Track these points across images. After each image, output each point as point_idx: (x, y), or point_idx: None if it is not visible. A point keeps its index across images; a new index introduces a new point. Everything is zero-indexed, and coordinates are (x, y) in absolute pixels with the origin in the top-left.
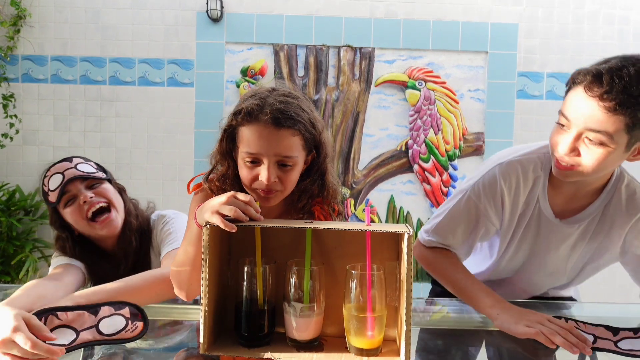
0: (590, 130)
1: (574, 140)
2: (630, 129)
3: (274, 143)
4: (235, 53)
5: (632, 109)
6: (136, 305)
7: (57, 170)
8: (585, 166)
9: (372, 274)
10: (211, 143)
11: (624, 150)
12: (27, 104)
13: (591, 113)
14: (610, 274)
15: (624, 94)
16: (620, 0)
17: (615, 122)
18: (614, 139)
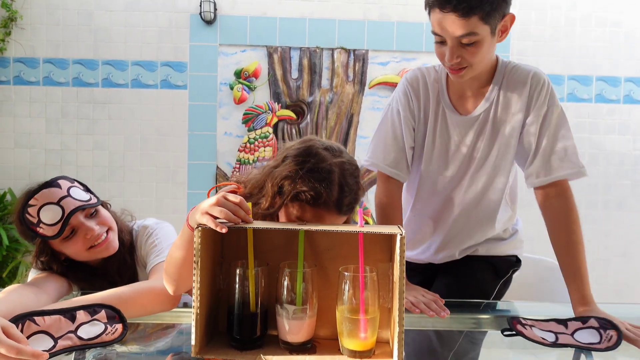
0: (459, 36)
1: (452, 49)
2: (486, 19)
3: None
4: (229, 55)
5: (479, 6)
6: (112, 307)
7: (50, 200)
8: (471, 61)
9: (364, 275)
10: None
11: (492, 36)
12: (19, 107)
13: (453, 24)
14: (603, 274)
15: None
16: (612, 3)
17: (473, 22)
18: (480, 34)
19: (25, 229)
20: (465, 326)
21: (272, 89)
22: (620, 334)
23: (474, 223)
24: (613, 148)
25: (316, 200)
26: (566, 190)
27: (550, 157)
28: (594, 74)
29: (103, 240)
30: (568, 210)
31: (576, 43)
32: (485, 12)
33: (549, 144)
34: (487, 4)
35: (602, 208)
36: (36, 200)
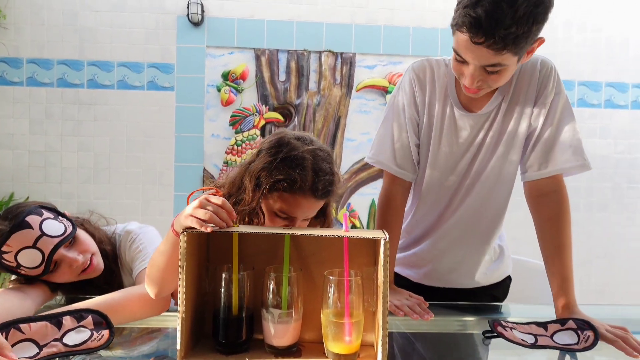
0: (486, 65)
1: (474, 74)
2: (516, 52)
3: (310, 211)
4: (216, 57)
5: (514, 43)
6: (99, 312)
7: (25, 245)
8: (491, 86)
9: (349, 279)
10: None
11: (517, 64)
12: (2, 107)
13: (482, 55)
14: (586, 275)
15: (505, 34)
16: (592, 10)
17: (505, 56)
18: (507, 64)
19: (6, 270)
20: (450, 328)
21: (260, 91)
22: (597, 334)
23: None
24: (595, 151)
25: (292, 187)
26: (563, 188)
27: (553, 147)
28: (575, 79)
29: (89, 266)
30: (563, 211)
31: (558, 49)
32: (520, 47)
33: (553, 132)
34: (523, 39)
35: (584, 210)
36: (9, 247)
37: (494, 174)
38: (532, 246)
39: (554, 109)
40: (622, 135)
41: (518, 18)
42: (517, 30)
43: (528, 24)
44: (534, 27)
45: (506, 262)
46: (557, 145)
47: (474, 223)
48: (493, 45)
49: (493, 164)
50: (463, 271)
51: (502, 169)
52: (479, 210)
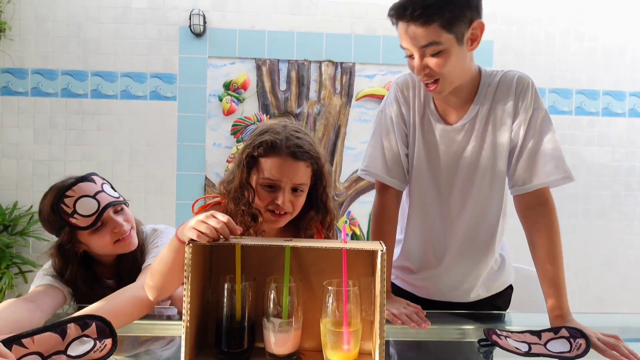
0: (423, 46)
1: (419, 60)
2: (448, 28)
3: (292, 173)
4: (218, 67)
5: (437, 13)
6: (103, 319)
7: (86, 193)
8: (440, 72)
9: (347, 290)
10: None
11: (459, 45)
12: (7, 117)
13: (414, 34)
14: (585, 283)
15: (424, 6)
16: (589, 19)
17: (434, 30)
18: (443, 43)
19: (57, 219)
20: (447, 337)
21: (261, 101)
22: (589, 342)
23: (473, 247)
24: (593, 159)
25: (268, 151)
26: (549, 200)
27: (535, 161)
28: (573, 87)
29: (127, 236)
30: (551, 222)
31: (556, 57)
32: (445, 19)
33: (534, 147)
34: (446, 11)
35: (582, 218)
36: (73, 192)
37: (482, 187)
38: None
39: (534, 123)
40: (619, 143)
41: None
42: (437, 2)
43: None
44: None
45: (507, 272)
46: (539, 160)
47: (470, 238)
48: (416, 16)
49: (480, 177)
50: (464, 288)
51: (491, 180)
52: (474, 224)
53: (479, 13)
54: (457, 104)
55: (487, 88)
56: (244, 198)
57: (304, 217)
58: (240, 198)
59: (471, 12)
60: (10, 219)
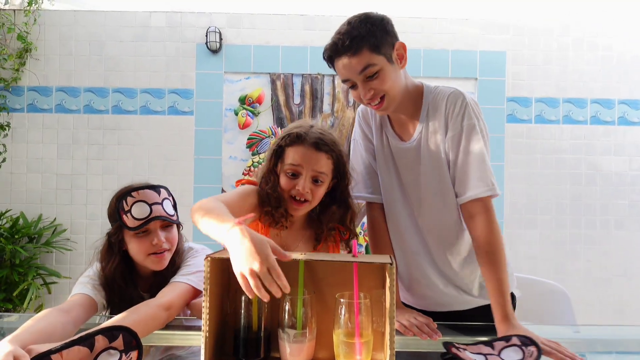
0: (360, 73)
1: (362, 85)
2: (376, 51)
3: (313, 161)
4: (234, 82)
5: (363, 41)
6: (130, 330)
7: (145, 199)
8: (383, 89)
9: (359, 302)
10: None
11: (390, 64)
12: (32, 133)
13: (349, 65)
14: (604, 294)
15: (350, 38)
16: (603, 28)
17: (365, 55)
18: (377, 64)
19: (114, 212)
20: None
21: (275, 114)
22: (539, 349)
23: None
24: (610, 169)
25: (293, 140)
26: (488, 209)
27: (463, 175)
28: (588, 97)
29: (161, 255)
30: (489, 230)
31: (569, 67)
32: (371, 44)
33: (461, 162)
34: (370, 37)
35: (600, 228)
36: (137, 195)
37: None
38: (550, 262)
39: (459, 141)
40: (636, 152)
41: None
42: (359, 33)
43: (365, 26)
44: (374, 28)
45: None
46: (465, 175)
47: (442, 250)
48: (347, 48)
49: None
50: (458, 301)
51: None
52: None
53: (396, 37)
54: (407, 120)
55: (429, 104)
56: (270, 182)
57: (326, 211)
58: (267, 182)
59: (390, 37)
60: (36, 231)
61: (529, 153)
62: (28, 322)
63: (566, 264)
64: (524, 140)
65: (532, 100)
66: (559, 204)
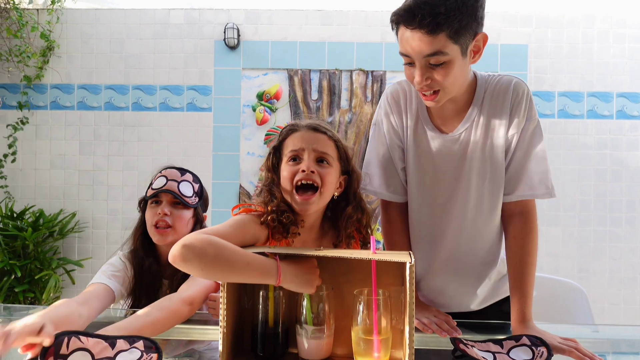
0: (427, 56)
1: (421, 70)
2: (454, 39)
3: (313, 140)
4: (251, 78)
5: (446, 23)
6: (150, 339)
7: (166, 175)
8: (443, 84)
9: (377, 299)
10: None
11: (463, 57)
12: (55, 130)
13: (419, 42)
14: (630, 293)
15: (433, 14)
16: (630, 19)
17: (441, 40)
18: (449, 54)
19: (148, 188)
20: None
21: (293, 110)
22: (550, 350)
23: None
24: (636, 164)
25: (292, 129)
26: (530, 210)
27: (521, 174)
28: (614, 90)
29: (163, 229)
30: (529, 231)
31: (594, 60)
32: (454, 29)
33: (521, 160)
34: (455, 20)
35: (626, 225)
36: (164, 171)
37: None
38: (573, 260)
39: (524, 136)
40: None
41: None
42: (446, 11)
43: (457, 4)
44: (465, 9)
45: None
46: (525, 172)
47: (468, 255)
48: (425, 24)
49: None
50: (464, 303)
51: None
52: (472, 240)
53: (482, 25)
54: (453, 111)
55: (484, 94)
56: (267, 180)
57: (341, 216)
58: (264, 183)
59: (476, 23)
60: (56, 223)
61: (552, 149)
62: (50, 308)
63: (590, 263)
64: (547, 135)
65: (555, 95)
66: (583, 200)
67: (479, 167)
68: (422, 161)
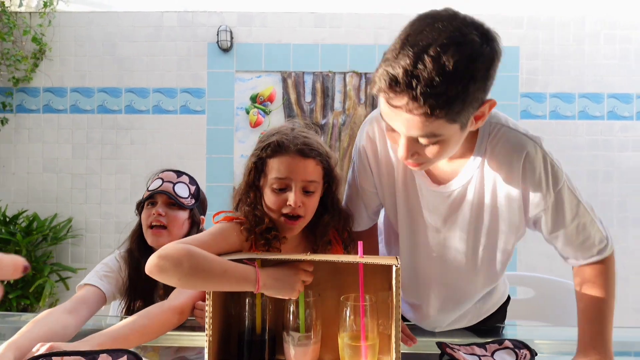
0: (418, 136)
1: (407, 145)
2: (454, 120)
3: (302, 170)
4: (245, 81)
5: (445, 106)
6: (135, 353)
7: (162, 177)
8: (431, 159)
9: (364, 304)
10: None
11: (460, 133)
12: (48, 134)
13: (408, 123)
14: (623, 294)
15: (429, 95)
16: (621, 20)
17: (436, 123)
18: (444, 135)
19: (146, 191)
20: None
21: (287, 113)
22: (533, 352)
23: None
24: (628, 164)
25: (276, 151)
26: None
27: (576, 245)
28: (605, 92)
29: (158, 230)
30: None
31: (586, 61)
32: (454, 111)
33: (569, 233)
34: (459, 100)
35: (618, 225)
36: (162, 174)
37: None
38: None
39: (559, 208)
40: None
41: (446, 74)
42: (447, 91)
43: (462, 82)
44: (471, 86)
45: (500, 292)
46: (579, 243)
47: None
48: (416, 109)
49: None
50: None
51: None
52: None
53: (490, 86)
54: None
55: (486, 149)
56: (248, 199)
57: (319, 223)
58: (245, 200)
59: (483, 94)
60: (50, 228)
61: None
62: (28, 326)
63: None
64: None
65: (547, 96)
66: None
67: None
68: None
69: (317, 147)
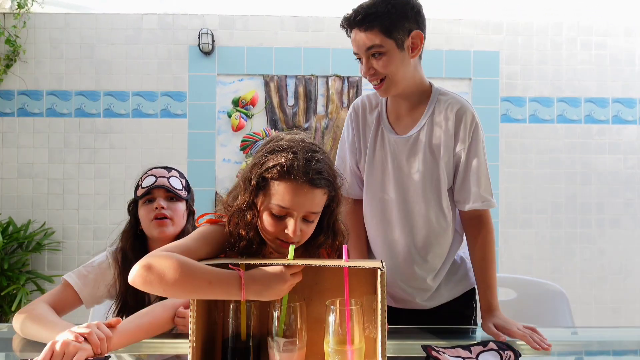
0: (368, 49)
1: (366, 62)
2: (387, 33)
3: (308, 202)
4: (227, 84)
5: (377, 20)
6: None
7: (154, 174)
8: (384, 72)
9: (350, 309)
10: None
11: (400, 50)
12: (23, 138)
13: (359, 39)
14: (600, 293)
15: (365, 13)
16: (596, 27)
17: (374, 34)
18: (384, 46)
19: (135, 189)
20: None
21: (269, 116)
22: (516, 353)
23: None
24: (604, 168)
25: (282, 173)
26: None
27: (466, 188)
28: (582, 96)
29: (162, 220)
30: (485, 232)
31: (563, 66)
32: (384, 26)
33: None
34: (384, 18)
35: (596, 227)
36: (150, 171)
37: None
38: (546, 261)
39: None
40: (631, 150)
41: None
42: (376, 10)
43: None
44: (393, 10)
45: (470, 274)
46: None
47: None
48: (360, 23)
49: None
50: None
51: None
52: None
53: (419, 25)
54: (406, 113)
55: (435, 105)
56: (245, 220)
57: (312, 242)
58: (241, 220)
59: (409, 23)
60: (26, 236)
61: (523, 153)
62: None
63: (562, 264)
64: (519, 139)
65: (526, 100)
66: (554, 203)
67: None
68: (378, 156)
69: (326, 173)
